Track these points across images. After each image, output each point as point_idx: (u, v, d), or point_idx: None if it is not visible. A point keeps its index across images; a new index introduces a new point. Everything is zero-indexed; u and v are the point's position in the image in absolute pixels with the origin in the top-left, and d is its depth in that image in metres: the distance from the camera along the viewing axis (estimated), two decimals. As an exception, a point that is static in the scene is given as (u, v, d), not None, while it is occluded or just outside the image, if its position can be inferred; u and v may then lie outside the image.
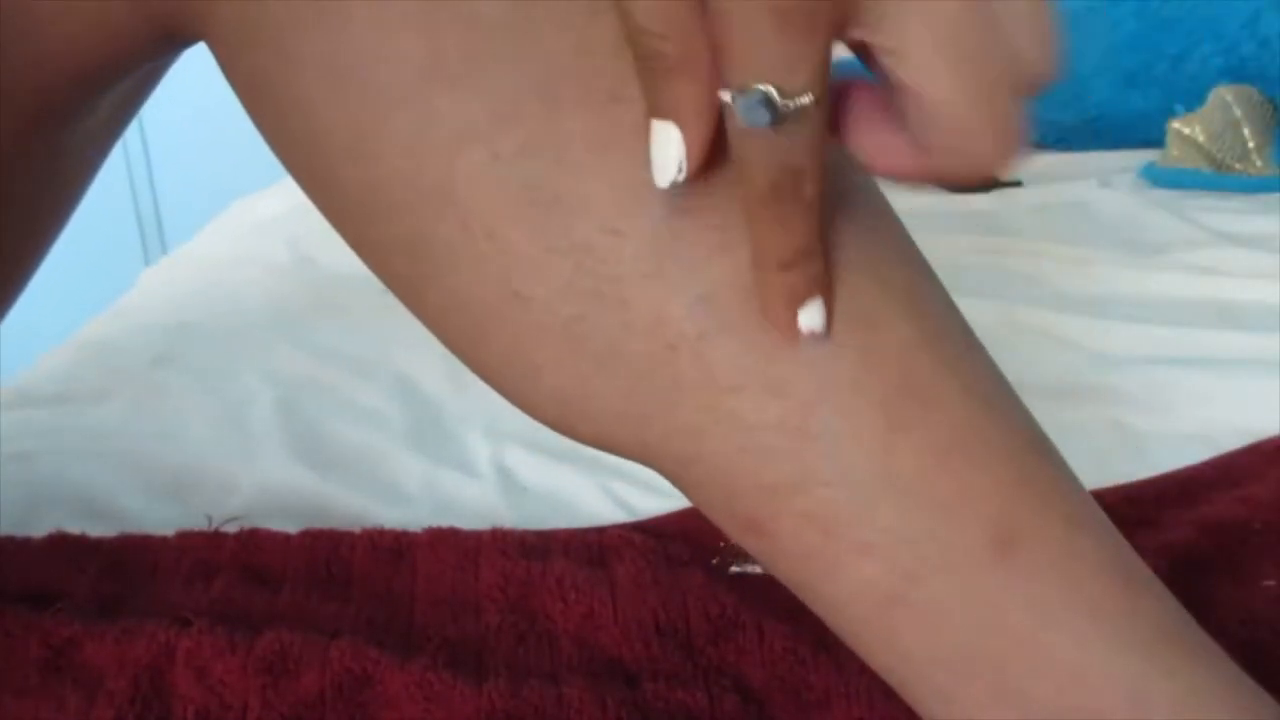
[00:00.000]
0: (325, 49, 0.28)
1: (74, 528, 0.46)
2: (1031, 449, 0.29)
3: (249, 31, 0.29)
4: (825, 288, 0.27)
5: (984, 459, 0.28)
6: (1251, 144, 1.02)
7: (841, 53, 0.26)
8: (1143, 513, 0.47)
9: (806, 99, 0.23)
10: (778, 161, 0.24)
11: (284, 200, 0.95)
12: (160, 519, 0.49)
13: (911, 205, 0.49)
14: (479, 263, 0.28)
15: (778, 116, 0.23)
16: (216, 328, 0.74)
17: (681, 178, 0.25)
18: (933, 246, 0.30)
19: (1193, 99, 1.09)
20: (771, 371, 0.27)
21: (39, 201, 0.40)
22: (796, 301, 0.27)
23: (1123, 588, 0.28)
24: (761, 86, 0.23)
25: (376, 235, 0.30)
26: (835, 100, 0.26)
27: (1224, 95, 1.05)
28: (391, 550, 0.45)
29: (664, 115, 0.25)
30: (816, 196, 0.25)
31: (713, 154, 0.26)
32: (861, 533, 0.28)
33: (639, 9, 0.24)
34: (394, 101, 0.28)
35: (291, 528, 0.47)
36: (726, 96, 0.24)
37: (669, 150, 0.25)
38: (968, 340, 0.30)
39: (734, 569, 0.43)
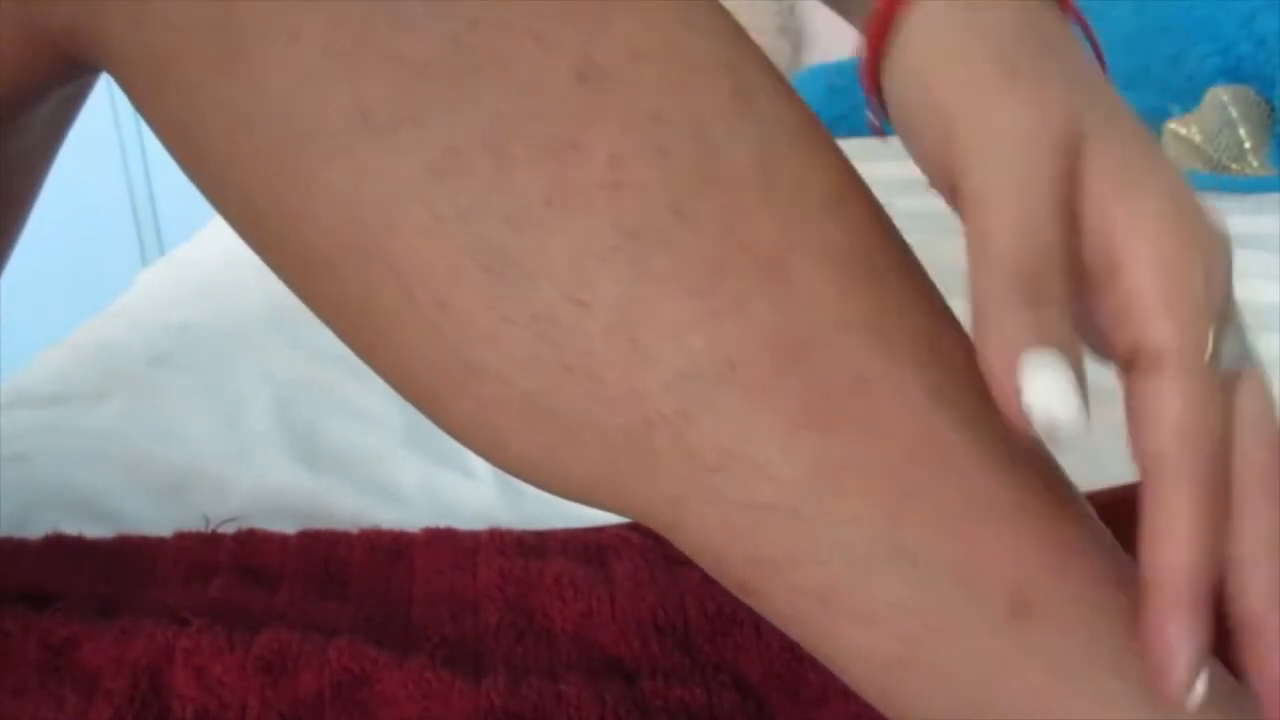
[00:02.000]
0: (236, 96, 0.25)
1: (71, 528, 0.46)
2: (1053, 504, 0.27)
3: (155, 71, 0.26)
4: None
5: (999, 521, 0.26)
6: (1248, 144, 1.02)
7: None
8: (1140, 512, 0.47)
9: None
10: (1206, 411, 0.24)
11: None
12: (158, 519, 0.49)
13: (910, 207, 0.49)
14: (429, 332, 0.26)
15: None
16: (214, 328, 0.74)
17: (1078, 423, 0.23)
18: (933, 249, 0.30)
19: (1189, 99, 1.09)
20: (760, 453, 0.25)
21: None
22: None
23: None
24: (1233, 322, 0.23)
25: (319, 293, 0.28)
26: None
27: (1220, 95, 1.05)
28: (389, 550, 0.45)
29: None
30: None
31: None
32: (862, 604, 0.26)
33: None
34: (318, 156, 0.25)
35: (289, 528, 0.47)
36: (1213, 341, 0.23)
37: (1061, 380, 0.23)
38: (982, 385, 0.27)
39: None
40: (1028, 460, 0.27)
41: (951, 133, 0.26)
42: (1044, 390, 0.23)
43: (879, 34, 0.27)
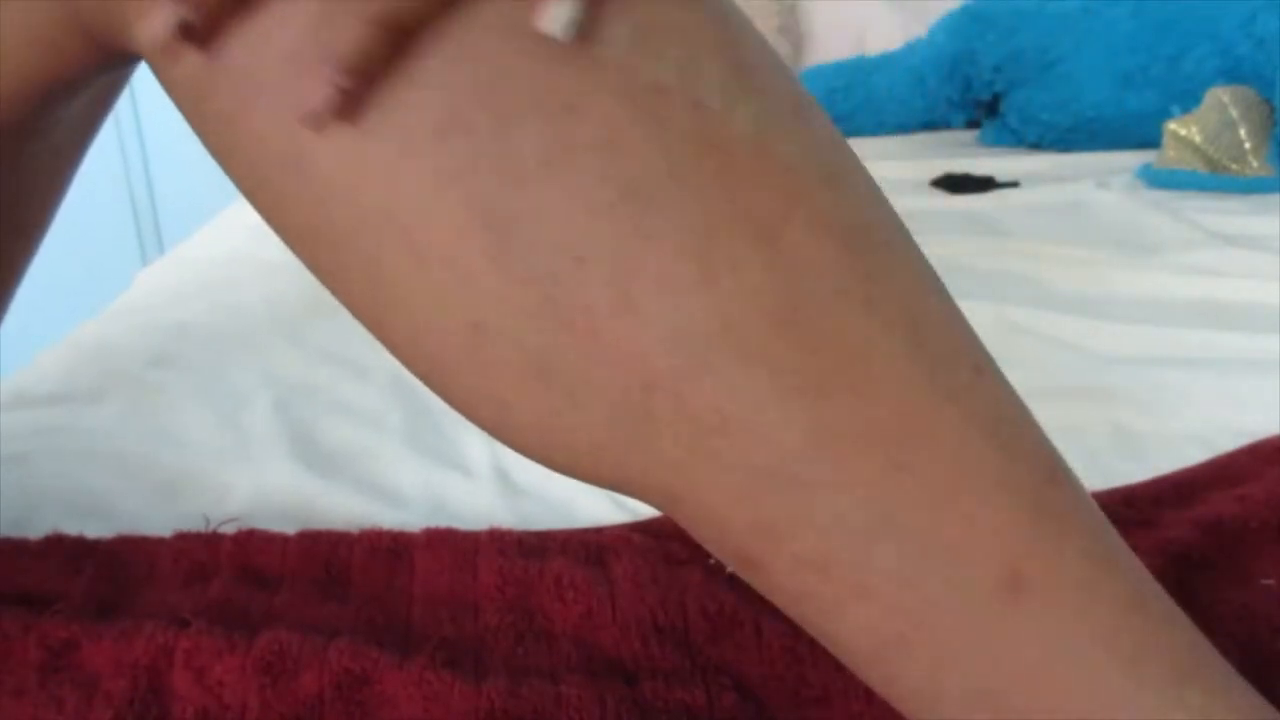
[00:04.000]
0: (248, 62, 0.26)
1: (71, 529, 0.46)
2: (1046, 480, 0.27)
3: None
4: None
5: (993, 496, 0.26)
6: (1248, 145, 1.02)
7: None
8: (1140, 513, 0.47)
9: None
10: None
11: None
12: (157, 520, 0.49)
13: (908, 207, 0.49)
14: (436, 293, 0.26)
15: None
16: (214, 328, 0.74)
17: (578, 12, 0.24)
18: (929, 248, 0.30)
19: (1189, 100, 1.10)
20: (757, 417, 0.26)
21: (10, 216, 0.39)
22: None
23: (1140, 621, 0.27)
24: None
25: (330, 262, 0.28)
26: None
27: (1220, 96, 1.05)
28: (389, 551, 0.45)
29: None
30: None
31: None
32: (860, 576, 0.26)
33: None
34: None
35: (289, 529, 0.47)
36: None
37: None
38: (976, 361, 0.28)
39: (732, 568, 0.43)
40: (1020, 433, 0.28)
41: None
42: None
43: None
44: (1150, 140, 1.11)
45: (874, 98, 1.35)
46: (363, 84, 0.25)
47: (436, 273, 0.26)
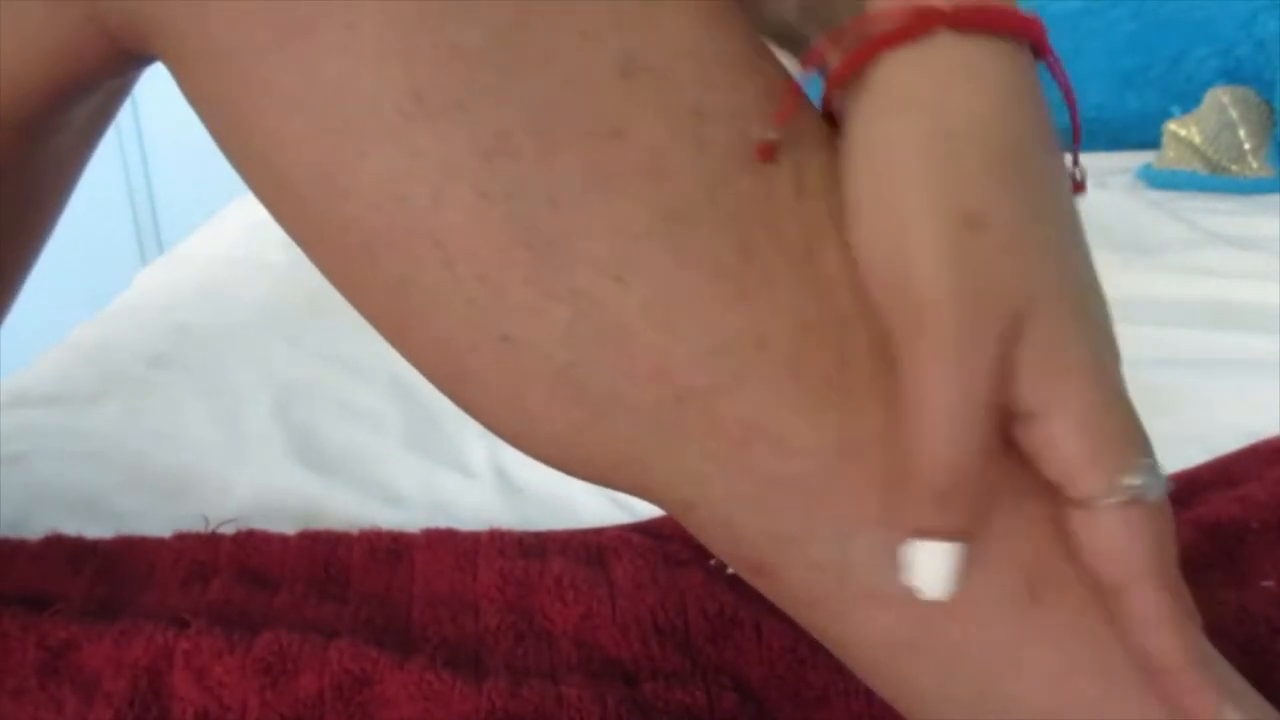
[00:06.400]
0: (293, 79, 0.26)
1: (70, 529, 0.46)
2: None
3: (211, 56, 0.27)
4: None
5: (1012, 504, 0.26)
6: (1248, 145, 1.02)
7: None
8: (1140, 513, 0.47)
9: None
10: (1160, 530, 0.25)
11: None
12: (157, 520, 0.49)
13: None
14: (468, 306, 0.26)
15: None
16: (213, 328, 0.74)
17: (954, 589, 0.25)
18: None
19: (1189, 100, 1.10)
20: (787, 429, 0.26)
21: (15, 217, 0.39)
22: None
23: None
24: (1145, 459, 0.24)
25: (355, 273, 0.28)
26: None
27: (1220, 97, 1.05)
28: (389, 551, 0.45)
29: (949, 536, 0.25)
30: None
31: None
32: (875, 581, 0.26)
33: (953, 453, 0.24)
34: (371, 136, 0.26)
35: (288, 529, 0.47)
36: (1132, 480, 0.24)
37: (944, 567, 0.25)
38: None
39: (732, 569, 0.43)
40: None
41: (897, 260, 0.25)
42: (922, 566, 0.25)
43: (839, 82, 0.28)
44: (1150, 140, 1.11)
45: (874, 98, 1.35)
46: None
47: (469, 286, 0.26)
